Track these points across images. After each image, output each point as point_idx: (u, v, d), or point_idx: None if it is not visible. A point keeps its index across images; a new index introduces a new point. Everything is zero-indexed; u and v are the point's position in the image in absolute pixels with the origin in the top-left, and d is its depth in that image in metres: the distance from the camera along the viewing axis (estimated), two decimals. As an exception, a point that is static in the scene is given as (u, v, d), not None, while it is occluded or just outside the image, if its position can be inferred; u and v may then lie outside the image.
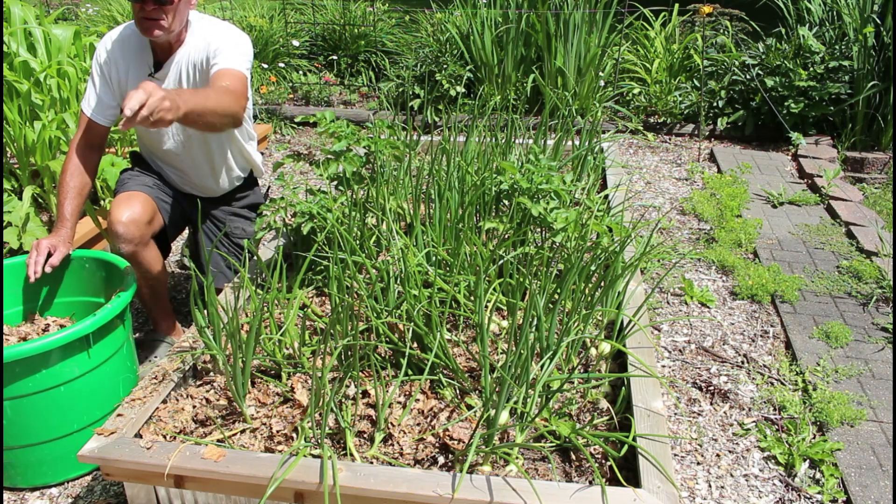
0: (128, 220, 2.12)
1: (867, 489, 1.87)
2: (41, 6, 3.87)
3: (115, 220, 2.11)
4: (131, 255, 2.13)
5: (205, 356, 1.78)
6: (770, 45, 4.57)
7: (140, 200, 2.19)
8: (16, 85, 2.80)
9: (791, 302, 2.72)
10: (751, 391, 2.28)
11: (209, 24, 2.17)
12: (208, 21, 2.19)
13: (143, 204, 2.19)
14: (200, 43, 2.13)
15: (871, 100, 4.20)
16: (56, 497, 1.91)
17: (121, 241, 2.11)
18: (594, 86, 4.74)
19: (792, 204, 3.63)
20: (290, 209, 2.05)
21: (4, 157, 2.92)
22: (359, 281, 1.79)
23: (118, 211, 2.13)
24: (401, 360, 1.70)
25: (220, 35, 2.12)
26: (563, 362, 1.75)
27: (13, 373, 1.71)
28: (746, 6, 4.76)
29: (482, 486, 1.33)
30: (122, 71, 2.18)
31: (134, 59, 2.16)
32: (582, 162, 2.87)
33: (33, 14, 3.11)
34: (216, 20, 2.20)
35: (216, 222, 2.50)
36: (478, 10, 4.72)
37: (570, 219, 2.00)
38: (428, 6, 5.44)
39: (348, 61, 5.63)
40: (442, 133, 3.47)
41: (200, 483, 1.43)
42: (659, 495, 1.32)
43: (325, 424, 1.40)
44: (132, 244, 2.13)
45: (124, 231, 2.11)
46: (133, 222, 2.13)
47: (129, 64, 2.17)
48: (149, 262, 2.20)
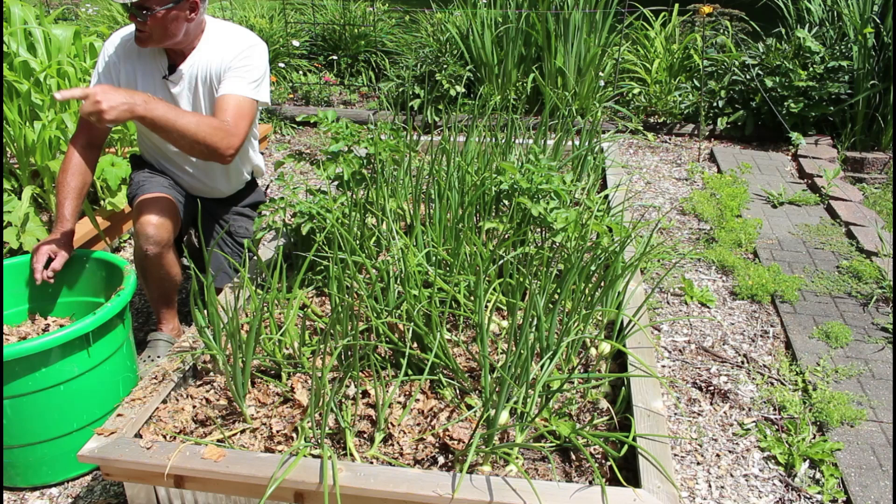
0: (157, 221, 2.12)
1: (867, 489, 1.87)
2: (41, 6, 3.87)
3: (145, 222, 2.11)
4: (157, 256, 2.13)
5: (205, 356, 1.78)
6: (770, 45, 4.57)
7: (166, 203, 2.20)
8: (16, 85, 2.80)
9: (791, 302, 2.72)
10: (751, 391, 2.28)
11: (225, 33, 2.17)
12: (224, 29, 2.19)
13: (169, 206, 2.20)
14: (214, 54, 2.14)
15: (871, 100, 4.20)
16: (56, 497, 1.91)
17: (150, 242, 2.11)
18: (594, 86, 4.74)
19: (792, 204, 3.63)
20: (290, 209, 2.05)
21: (4, 157, 2.92)
22: (359, 281, 1.79)
23: (148, 213, 2.13)
24: (401, 360, 1.70)
25: (233, 48, 2.12)
26: (563, 362, 1.75)
27: (13, 371, 1.70)
28: (746, 6, 4.76)
29: (482, 486, 1.33)
30: (129, 72, 2.18)
31: (147, 62, 2.17)
32: (582, 162, 2.87)
33: (33, 14, 3.11)
34: (232, 27, 2.21)
35: (220, 222, 2.50)
36: (478, 9, 4.72)
37: (570, 219, 2.00)
38: (428, 6, 5.44)
39: (348, 61, 5.63)
40: (442, 133, 3.47)
41: (200, 483, 1.43)
42: (659, 495, 1.32)
43: (325, 424, 1.40)
44: (160, 246, 2.13)
45: (155, 233, 2.11)
46: (163, 224, 2.13)
47: (138, 66, 2.18)
48: (170, 264, 2.20)
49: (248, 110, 2.09)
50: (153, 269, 2.16)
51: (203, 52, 2.14)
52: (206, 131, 1.95)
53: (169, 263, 2.20)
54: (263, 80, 2.16)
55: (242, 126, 2.05)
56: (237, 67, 2.11)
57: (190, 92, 2.17)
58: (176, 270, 2.25)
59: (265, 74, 2.17)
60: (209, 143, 1.96)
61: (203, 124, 1.95)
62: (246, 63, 2.12)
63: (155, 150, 2.35)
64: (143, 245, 2.11)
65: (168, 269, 2.20)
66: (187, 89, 2.17)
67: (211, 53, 2.14)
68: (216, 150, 1.98)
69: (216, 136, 1.97)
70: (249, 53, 2.13)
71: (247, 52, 2.13)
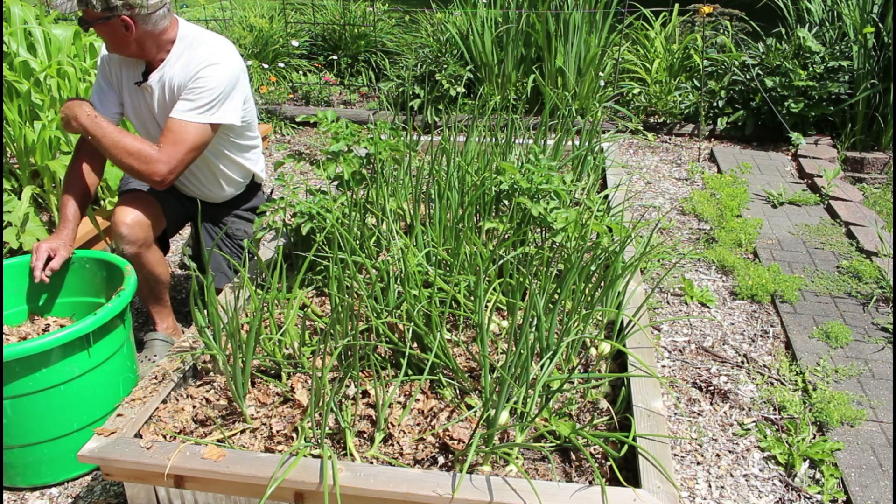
0: (132, 221, 2.12)
1: (867, 489, 1.87)
2: (41, 6, 3.87)
3: (119, 222, 2.11)
4: (134, 256, 2.13)
5: (205, 356, 1.78)
6: (770, 45, 4.58)
7: (145, 202, 2.19)
8: (16, 85, 2.80)
9: (791, 302, 2.72)
10: (751, 391, 2.28)
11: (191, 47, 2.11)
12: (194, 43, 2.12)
13: (148, 205, 2.19)
14: (178, 68, 2.10)
15: (871, 100, 4.20)
16: (56, 497, 1.91)
17: (125, 242, 2.11)
18: (594, 86, 4.74)
19: (792, 204, 3.63)
20: (290, 209, 2.05)
21: (4, 157, 2.92)
22: (359, 281, 1.79)
23: (122, 213, 2.13)
24: (401, 360, 1.70)
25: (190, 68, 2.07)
26: (563, 362, 1.75)
27: (13, 372, 1.70)
28: (746, 6, 4.76)
29: (482, 486, 1.33)
30: (118, 74, 2.21)
31: (129, 68, 2.18)
32: (582, 162, 2.87)
33: (33, 14, 3.11)
34: (203, 40, 2.14)
35: (218, 223, 2.50)
36: (478, 10, 4.72)
37: (570, 219, 2.00)
38: (428, 6, 5.44)
39: (348, 61, 5.63)
40: (442, 133, 3.47)
41: (200, 483, 1.43)
42: (659, 495, 1.32)
43: (325, 424, 1.40)
44: (136, 245, 2.13)
45: (128, 233, 2.11)
46: (137, 224, 2.13)
47: (124, 70, 2.19)
48: (152, 263, 2.20)
49: (193, 135, 2.05)
50: (135, 268, 2.15)
51: (170, 64, 2.11)
52: (122, 154, 2.02)
53: (151, 262, 2.19)
54: (221, 101, 2.09)
55: (178, 151, 2.04)
56: (190, 89, 2.06)
57: (161, 102, 2.16)
58: (161, 269, 2.24)
59: (224, 94, 2.09)
60: (127, 165, 2.03)
61: (120, 146, 2.02)
62: (199, 85, 2.06)
63: None
64: (119, 245, 2.12)
65: (151, 267, 2.20)
66: (158, 99, 2.15)
67: (175, 67, 2.10)
68: (139, 173, 2.04)
69: (134, 161, 2.02)
70: (205, 74, 2.06)
71: (202, 72, 2.06)
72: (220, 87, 2.08)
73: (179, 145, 2.04)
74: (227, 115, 2.12)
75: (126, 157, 2.02)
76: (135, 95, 2.19)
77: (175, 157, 2.04)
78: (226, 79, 2.09)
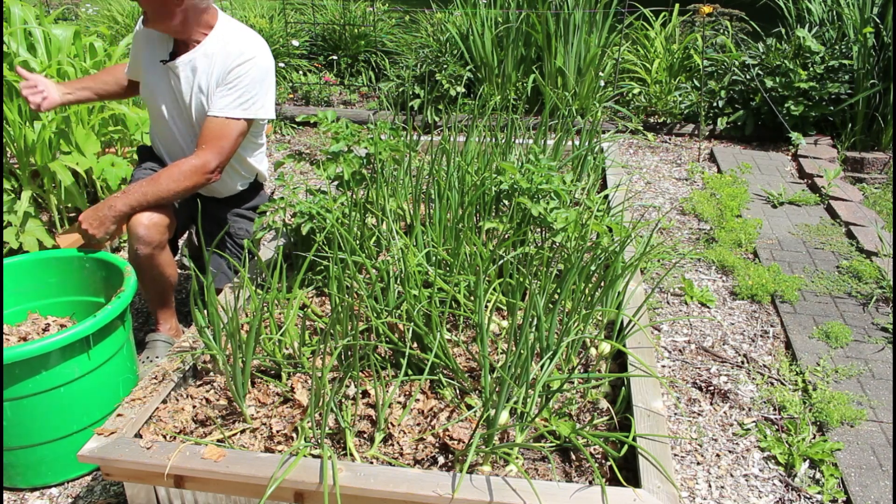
0: (149, 223, 2.11)
1: (867, 489, 1.87)
2: (41, 6, 3.87)
3: (136, 223, 2.10)
4: (148, 257, 2.13)
5: (205, 356, 1.78)
6: (770, 45, 4.57)
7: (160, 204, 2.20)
8: (16, 85, 2.80)
9: (791, 302, 2.72)
10: (751, 391, 2.28)
11: (228, 39, 2.15)
12: (230, 35, 2.16)
13: (164, 207, 2.19)
14: (212, 58, 2.13)
15: (871, 100, 4.20)
16: (56, 497, 1.91)
17: (141, 243, 2.10)
18: (594, 86, 4.74)
19: (792, 204, 3.63)
20: (290, 209, 2.05)
21: (4, 157, 2.92)
22: (359, 281, 1.79)
23: (141, 214, 2.12)
24: (401, 360, 1.70)
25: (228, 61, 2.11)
26: (563, 362, 1.75)
27: (13, 374, 1.70)
28: (746, 6, 4.76)
29: (482, 486, 1.33)
30: (143, 50, 2.26)
31: (155, 47, 2.21)
32: (582, 162, 2.87)
33: (33, 14, 3.11)
34: (239, 34, 2.18)
35: (220, 223, 2.50)
36: (478, 10, 4.72)
37: (570, 219, 2.00)
38: (428, 6, 5.44)
39: (348, 61, 5.63)
40: (442, 133, 3.47)
41: (200, 483, 1.43)
42: (659, 495, 1.32)
43: (325, 424, 1.40)
44: (150, 247, 2.12)
45: (145, 234, 2.10)
46: (154, 226, 2.12)
47: (148, 49, 2.23)
48: (163, 265, 2.19)
49: (233, 129, 2.13)
50: (146, 268, 2.15)
51: (204, 51, 2.14)
52: (180, 186, 2.10)
53: (162, 264, 2.19)
54: (259, 96, 2.14)
55: (224, 146, 2.12)
56: (228, 83, 2.11)
57: (189, 85, 2.17)
58: (171, 271, 2.24)
59: (262, 90, 2.14)
60: (192, 185, 2.11)
61: (176, 177, 2.09)
62: (237, 79, 2.10)
63: (160, 142, 2.38)
64: (134, 245, 2.11)
65: (161, 269, 2.20)
66: (185, 82, 2.17)
67: (210, 56, 2.13)
68: (199, 184, 2.14)
69: (194, 178, 2.11)
70: (243, 68, 2.11)
71: (240, 68, 2.11)
72: (258, 82, 2.15)
73: (223, 140, 2.12)
74: (263, 111, 2.18)
75: (186, 179, 2.09)
76: (157, 73, 2.21)
77: (225, 149, 2.14)
78: (264, 72, 2.16)
